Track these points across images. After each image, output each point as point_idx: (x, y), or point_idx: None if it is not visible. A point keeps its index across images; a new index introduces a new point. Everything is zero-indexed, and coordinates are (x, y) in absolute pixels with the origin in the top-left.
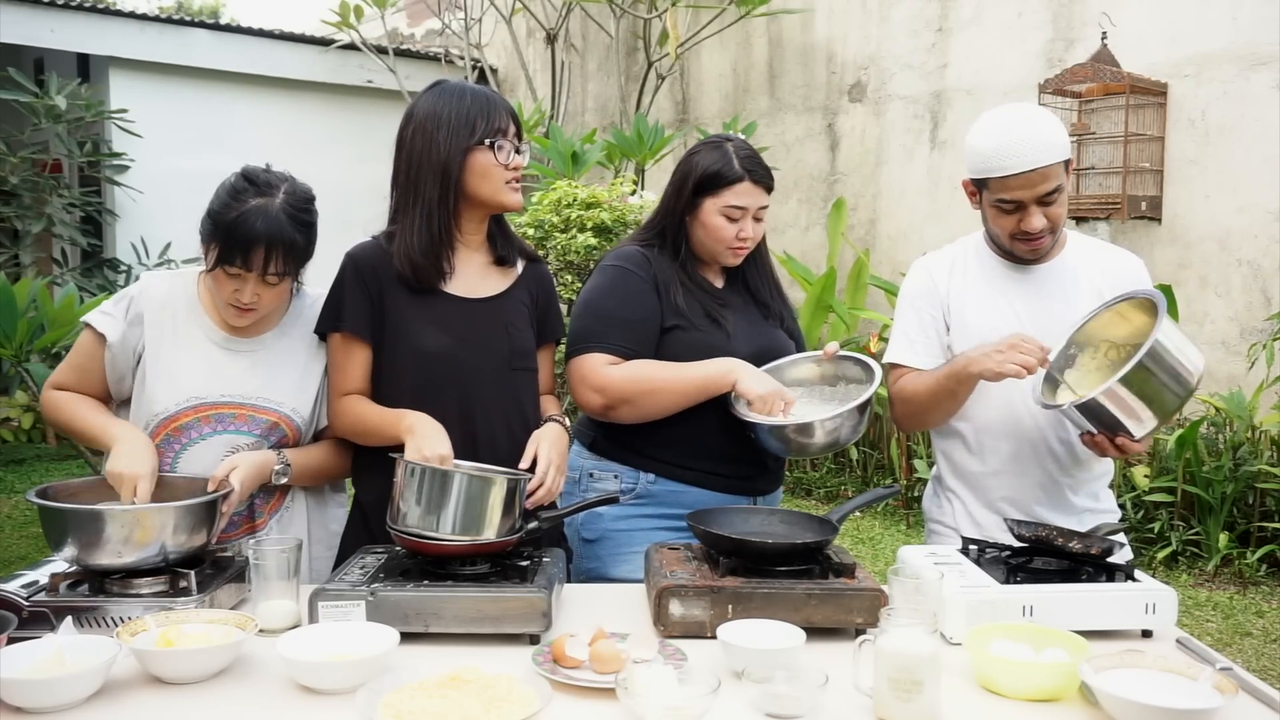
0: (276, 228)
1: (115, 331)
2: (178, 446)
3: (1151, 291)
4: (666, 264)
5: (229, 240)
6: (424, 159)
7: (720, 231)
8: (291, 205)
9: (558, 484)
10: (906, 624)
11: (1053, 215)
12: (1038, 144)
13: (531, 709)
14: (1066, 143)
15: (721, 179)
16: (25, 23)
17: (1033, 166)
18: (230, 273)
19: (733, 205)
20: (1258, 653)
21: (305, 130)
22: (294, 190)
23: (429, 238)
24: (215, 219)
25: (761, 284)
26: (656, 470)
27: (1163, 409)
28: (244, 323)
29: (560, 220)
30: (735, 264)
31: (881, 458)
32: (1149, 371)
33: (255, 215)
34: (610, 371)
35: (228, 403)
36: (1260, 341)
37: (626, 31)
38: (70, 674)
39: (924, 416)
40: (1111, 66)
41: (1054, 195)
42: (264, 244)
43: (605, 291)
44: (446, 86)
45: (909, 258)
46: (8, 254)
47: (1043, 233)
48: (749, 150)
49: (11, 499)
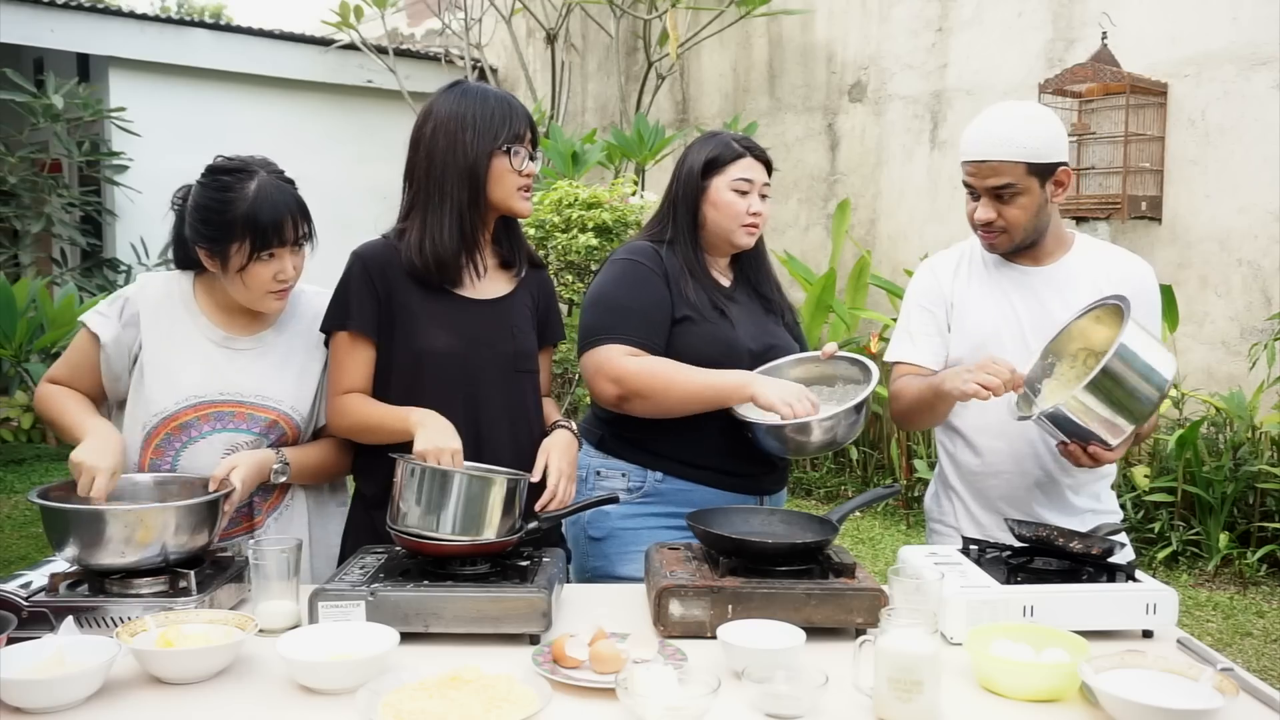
0: (282, 195)
1: (110, 332)
2: (177, 445)
3: (1120, 297)
4: (676, 258)
5: (254, 227)
6: (449, 160)
7: (733, 207)
8: (275, 174)
9: (569, 494)
10: (906, 624)
11: (1007, 215)
12: (996, 137)
13: (531, 709)
14: (1037, 147)
15: (724, 158)
16: (25, 23)
17: (980, 157)
18: (265, 259)
19: (740, 178)
20: (1258, 653)
21: (305, 130)
22: (265, 162)
23: (460, 238)
24: (221, 218)
25: (763, 280)
26: (665, 469)
27: (1133, 416)
28: (283, 303)
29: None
30: (748, 244)
31: (881, 458)
32: (1115, 378)
33: (261, 194)
34: (628, 363)
35: (226, 401)
36: (1260, 341)
37: (626, 31)
38: (70, 674)
39: (912, 420)
40: (1111, 66)
41: (1006, 193)
42: (286, 213)
43: (617, 283)
44: (469, 88)
45: (909, 258)
46: (7, 254)
47: (991, 226)
48: (742, 135)
49: (11, 499)
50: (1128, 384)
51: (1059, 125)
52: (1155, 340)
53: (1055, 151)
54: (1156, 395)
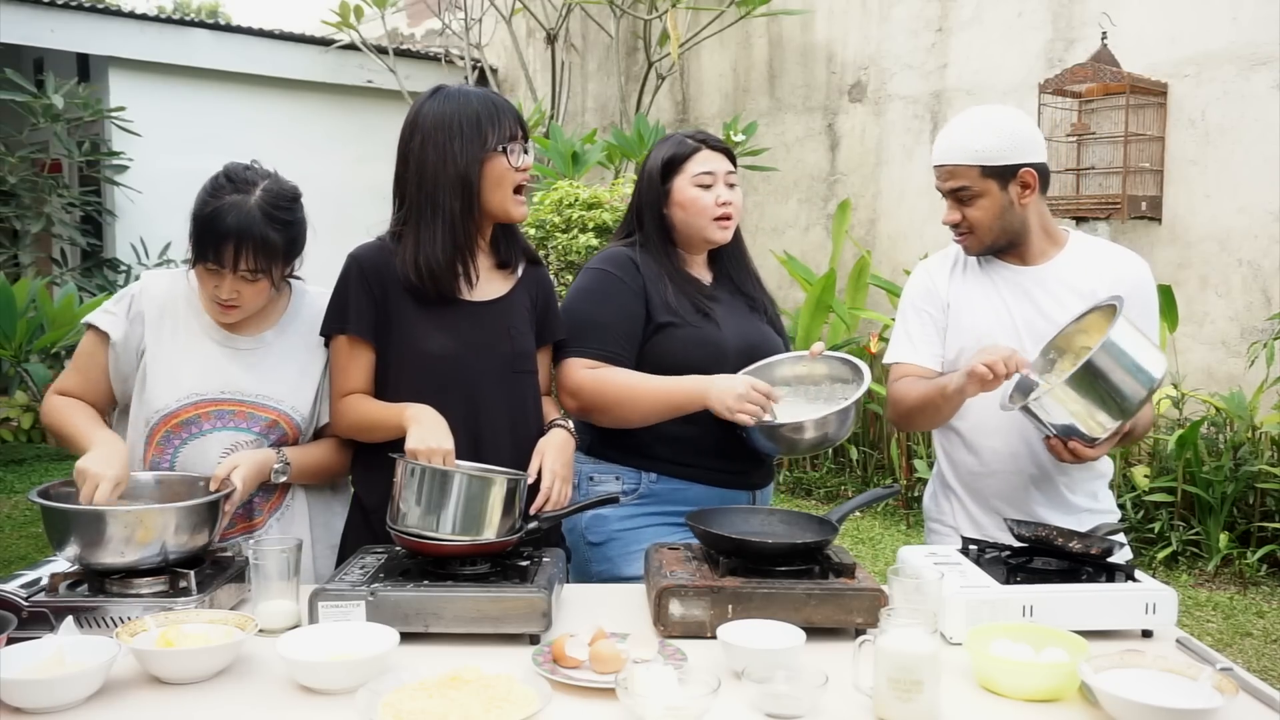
0: (247, 224)
1: (119, 330)
2: (177, 442)
3: (1114, 297)
4: (654, 262)
5: (201, 236)
6: (440, 170)
7: (698, 203)
8: (268, 202)
9: (564, 494)
10: (906, 624)
11: (970, 216)
12: (953, 143)
13: (531, 709)
14: (989, 152)
15: (679, 156)
16: (25, 23)
17: (939, 161)
18: (208, 269)
19: (700, 172)
20: (1258, 653)
21: (305, 130)
22: (273, 188)
23: (453, 249)
24: (193, 214)
25: (745, 278)
26: (658, 469)
27: (1117, 411)
28: (229, 319)
29: (561, 220)
30: (724, 238)
31: (881, 458)
32: (1098, 374)
33: (228, 211)
34: (584, 376)
35: (228, 399)
36: (1260, 341)
37: (626, 31)
38: (70, 674)
39: (914, 421)
40: (1111, 66)
41: (964, 195)
42: (234, 240)
43: (582, 296)
44: (449, 93)
45: (909, 258)
46: (7, 254)
47: (958, 228)
48: (696, 130)
49: (11, 499)
50: (1111, 379)
51: (1023, 130)
52: (1145, 339)
53: (1013, 154)
54: (1142, 392)
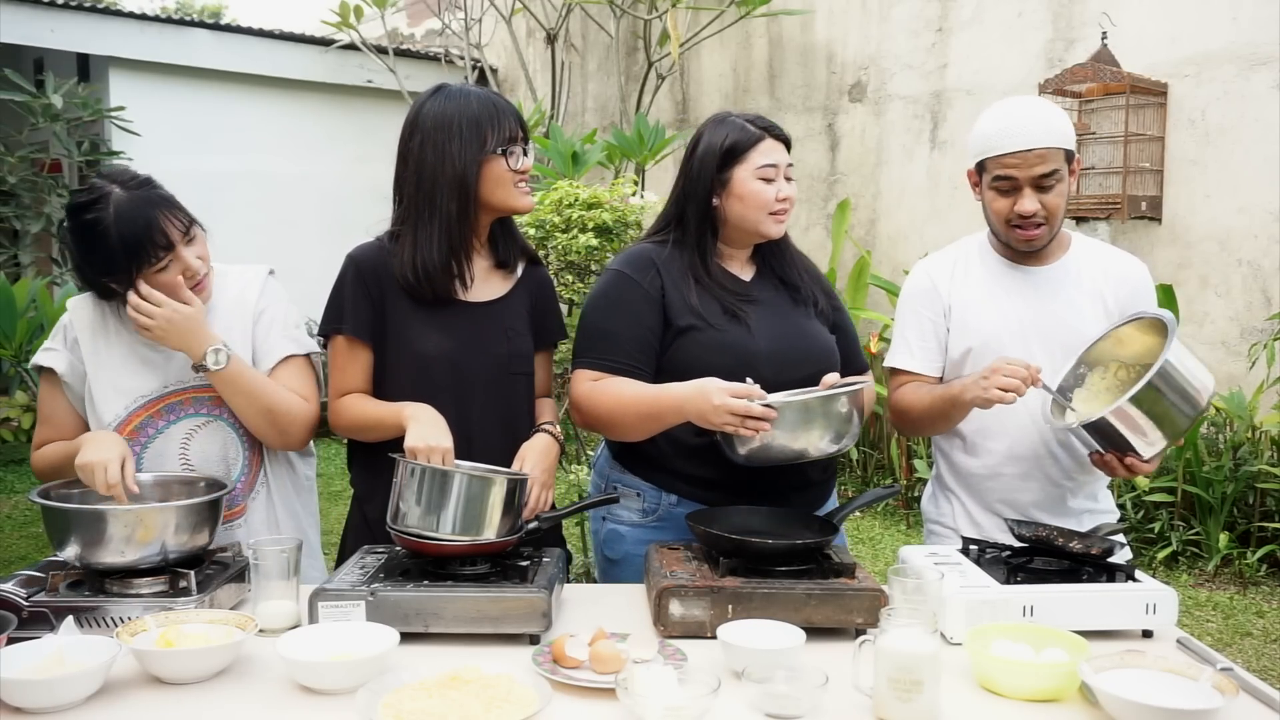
0: (141, 205)
1: (62, 362)
2: (138, 447)
3: (1162, 312)
4: (679, 262)
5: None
6: (438, 171)
7: (760, 196)
8: (127, 184)
9: (544, 499)
10: (906, 624)
11: (1049, 204)
12: (1039, 124)
13: (531, 709)
14: (1071, 135)
15: (743, 144)
16: (25, 23)
17: (1030, 146)
18: (162, 267)
19: (765, 164)
20: (1258, 653)
21: (305, 130)
22: (116, 173)
23: (448, 251)
24: (99, 255)
25: (788, 268)
26: (680, 491)
27: (1172, 429)
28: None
29: (561, 220)
30: (778, 233)
31: (881, 458)
32: (1159, 392)
33: (121, 216)
34: (584, 390)
35: (171, 391)
36: (1260, 341)
37: (626, 31)
38: (70, 674)
39: (919, 428)
40: (1111, 66)
41: (1050, 181)
42: (152, 223)
43: (593, 302)
44: (450, 92)
45: (909, 258)
46: (7, 254)
47: (1036, 218)
48: (754, 115)
49: (11, 499)
50: (1169, 399)
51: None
52: (1197, 359)
53: (1073, 139)
54: (1194, 413)
